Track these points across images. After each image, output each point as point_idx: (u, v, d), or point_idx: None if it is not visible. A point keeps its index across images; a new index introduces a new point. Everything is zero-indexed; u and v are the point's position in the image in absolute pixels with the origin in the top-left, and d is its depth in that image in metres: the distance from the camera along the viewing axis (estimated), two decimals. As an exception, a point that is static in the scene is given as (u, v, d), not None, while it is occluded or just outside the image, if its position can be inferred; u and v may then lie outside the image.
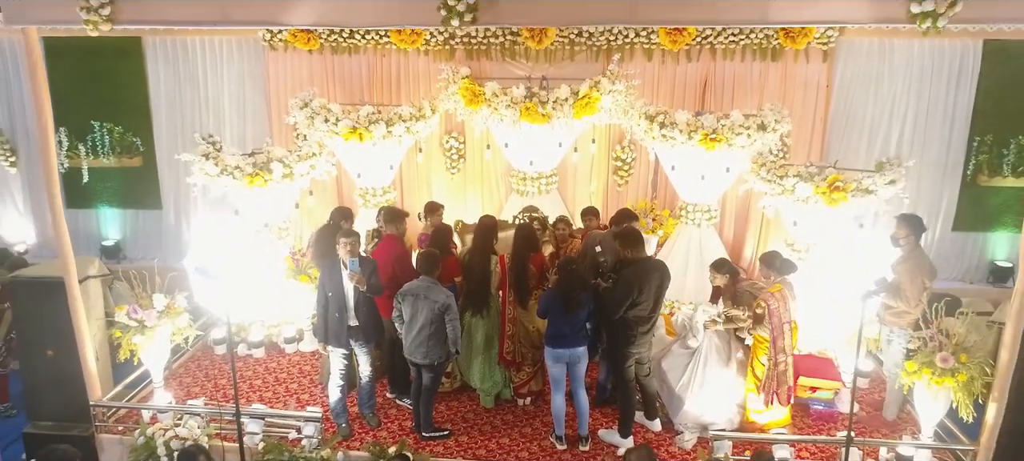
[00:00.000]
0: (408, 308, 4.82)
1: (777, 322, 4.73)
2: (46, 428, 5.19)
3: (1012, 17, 3.79)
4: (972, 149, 7.25)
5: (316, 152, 6.34)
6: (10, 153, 8.19)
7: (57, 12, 4.31)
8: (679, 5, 3.96)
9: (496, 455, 4.95)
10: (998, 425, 4.45)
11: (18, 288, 5.06)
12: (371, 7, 4.16)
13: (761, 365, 4.89)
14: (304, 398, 5.65)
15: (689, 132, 6.16)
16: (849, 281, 4.34)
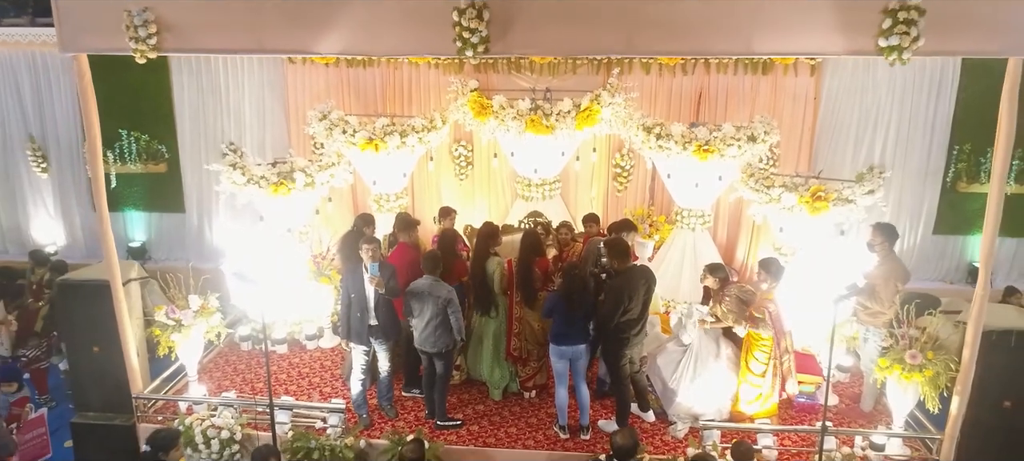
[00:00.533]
0: (416, 304, 5.28)
1: (779, 325, 5.19)
2: (92, 418, 5.66)
3: (968, 51, 4.20)
4: (952, 157, 7.69)
5: (335, 162, 6.79)
6: (42, 160, 8.64)
7: (108, 41, 4.72)
8: (671, 37, 4.39)
9: (504, 443, 5.41)
10: (961, 416, 4.89)
11: (67, 291, 5.52)
12: (393, 37, 4.60)
13: (756, 360, 5.35)
14: (326, 391, 6.11)
15: (683, 143, 6.58)
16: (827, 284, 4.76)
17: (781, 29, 4.25)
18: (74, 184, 8.75)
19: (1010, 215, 7.77)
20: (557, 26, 4.39)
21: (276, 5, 4.54)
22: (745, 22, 4.25)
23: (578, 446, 5.32)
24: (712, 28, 4.31)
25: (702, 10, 4.26)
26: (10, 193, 8.85)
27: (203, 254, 8.69)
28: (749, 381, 5.39)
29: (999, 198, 4.63)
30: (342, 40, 4.58)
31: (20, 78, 8.39)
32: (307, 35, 4.59)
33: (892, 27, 4.07)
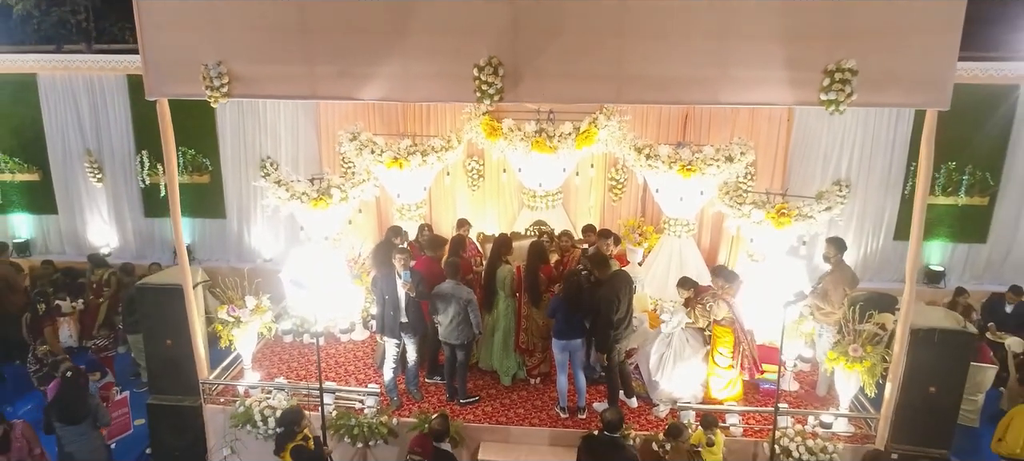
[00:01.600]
0: (442, 304, 6.28)
1: (738, 315, 6.19)
2: (166, 400, 6.68)
3: (893, 104, 5.13)
4: (909, 172, 8.64)
5: (366, 178, 7.77)
6: (98, 171, 9.63)
7: (188, 88, 5.68)
8: (652, 90, 5.35)
9: (514, 421, 6.43)
10: (894, 399, 5.89)
11: (146, 293, 6.51)
12: (423, 88, 5.56)
13: (721, 354, 6.36)
14: (360, 377, 7.12)
15: (669, 163, 7.56)
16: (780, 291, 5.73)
17: (741, 84, 5.21)
18: (126, 193, 9.74)
19: (963, 224, 8.88)
20: (559, 80, 5.36)
21: (326, 60, 5.50)
22: (712, 79, 5.22)
23: (576, 424, 6.32)
24: (685, 83, 5.27)
25: (677, 69, 5.22)
26: (69, 201, 9.85)
27: (242, 256, 9.72)
28: (717, 372, 6.41)
29: (920, 221, 5.63)
30: (381, 90, 5.55)
31: (79, 98, 9.36)
32: (352, 85, 5.56)
33: (830, 85, 5.03)
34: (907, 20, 4.91)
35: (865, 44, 4.96)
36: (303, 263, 7.11)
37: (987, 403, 7.63)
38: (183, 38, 5.54)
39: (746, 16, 5.04)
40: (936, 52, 4.99)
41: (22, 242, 9.94)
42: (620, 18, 5.13)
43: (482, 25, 5.22)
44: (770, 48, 5.06)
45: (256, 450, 6.56)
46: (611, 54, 5.22)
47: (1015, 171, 8.56)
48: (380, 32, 5.36)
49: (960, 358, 5.83)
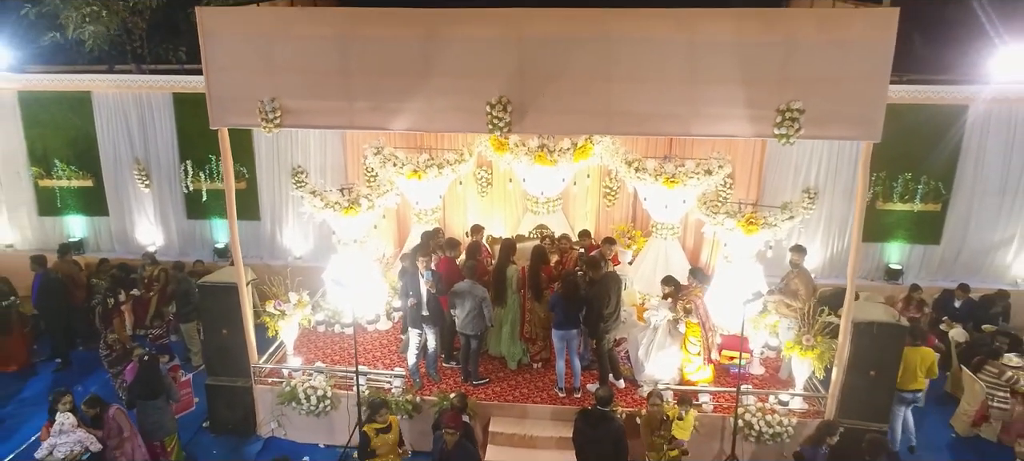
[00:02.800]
0: (459, 300, 7.39)
1: (703, 311, 7.28)
2: (221, 381, 7.80)
3: (835, 136, 6.15)
4: (872, 181, 9.68)
5: (388, 189, 8.86)
6: (145, 177, 10.70)
7: (245, 119, 6.74)
8: (635, 123, 6.40)
9: (519, 400, 7.54)
10: (839, 381, 6.98)
11: (206, 290, 7.62)
12: (444, 119, 6.62)
13: (691, 344, 7.46)
14: (387, 362, 8.24)
15: (655, 175, 8.63)
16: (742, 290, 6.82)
17: (709, 120, 6.27)
18: (171, 197, 10.82)
19: (919, 228, 9.93)
20: (558, 115, 6.42)
21: (363, 97, 6.55)
22: (684, 115, 6.27)
23: (572, 402, 7.43)
24: (662, 118, 6.33)
25: (655, 107, 6.26)
26: (119, 204, 10.93)
27: (274, 254, 10.82)
28: (689, 359, 7.52)
29: (858, 235, 6.68)
30: (408, 121, 6.62)
31: (128, 113, 10.42)
32: (385, 117, 6.62)
33: (782, 122, 6.08)
34: (843, 69, 5.94)
35: (810, 88, 6.00)
36: (342, 265, 8.22)
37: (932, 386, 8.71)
38: (243, 78, 6.60)
39: (712, 64, 6.08)
40: (868, 95, 6.02)
41: (76, 241, 11.04)
42: (608, 65, 6.18)
43: (493, 69, 6.27)
44: (732, 91, 6.11)
45: (299, 424, 7.72)
46: (601, 94, 6.27)
47: (964, 181, 9.60)
48: (408, 74, 6.41)
49: (894, 347, 6.92)
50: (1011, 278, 9.94)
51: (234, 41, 6.57)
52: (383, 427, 6.21)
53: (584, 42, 6.16)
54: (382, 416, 6.24)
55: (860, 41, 5.90)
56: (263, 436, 7.82)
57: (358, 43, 6.41)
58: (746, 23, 5.98)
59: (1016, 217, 9.69)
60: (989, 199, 9.63)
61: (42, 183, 10.87)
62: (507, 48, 6.22)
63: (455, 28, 6.26)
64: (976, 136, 9.36)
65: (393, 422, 6.36)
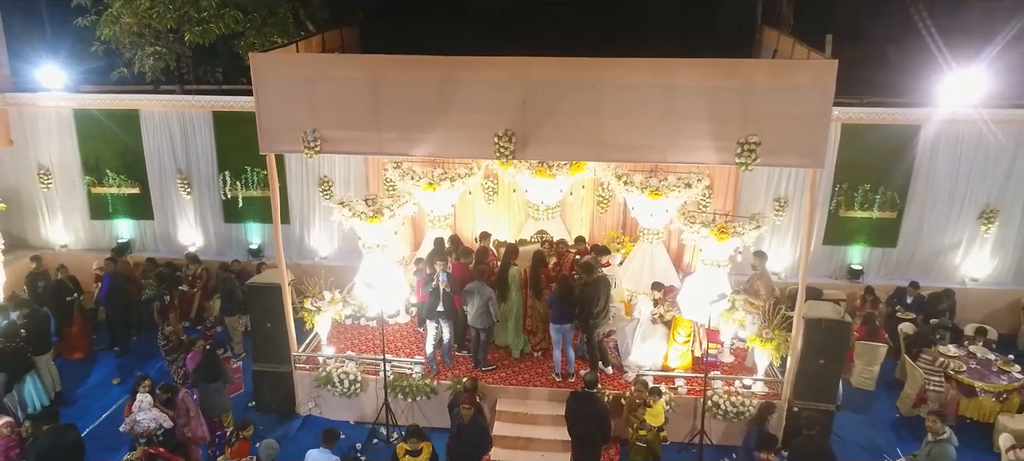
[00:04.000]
0: (469, 298, 8.63)
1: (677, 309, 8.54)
2: (265, 367, 9.06)
3: (787, 164, 7.33)
4: (835, 191, 10.88)
5: (407, 200, 10.09)
6: (187, 185, 11.94)
7: (290, 146, 7.93)
8: (621, 152, 7.62)
9: (522, 383, 8.80)
10: (793, 368, 8.22)
11: (253, 289, 8.87)
12: (459, 147, 7.86)
13: (680, 334, 8.70)
14: (407, 350, 9.49)
15: (641, 188, 9.83)
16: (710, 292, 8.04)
17: (681, 149, 7.47)
18: (210, 203, 12.06)
19: (877, 232, 11.14)
20: (554, 144, 7.62)
21: (390, 128, 7.74)
22: (661, 146, 7.48)
23: (566, 386, 8.67)
24: (642, 148, 7.54)
25: (636, 138, 7.46)
26: (163, 209, 12.18)
27: (302, 254, 12.06)
28: (675, 348, 8.77)
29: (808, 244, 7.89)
30: (428, 149, 7.85)
31: (172, 128, 11.64)
32: (409, 145, 7.84)
33: (742, 152, 7.27)
34: (792, 109, 7.12)
35: (765, 125, 7.19)
36: (372, 268, 9.47)
37: (883, 372, 9.95)
38: (288, 112, 7.80)
39: (684, 104, 7.27)
40: (813, 131, 7.20)
41: (124, 242, 12.31)
42: (598, 104, 7.37)
43: (500, 106, 7.47)
44: (700, 126, 7.30)
45: (333, 404, 8.99)
46: (591, 128, 7.48)
47: (917, 192, 10.79)
48: (428, 109, 7.61)
49: (840, 340, 8.15)
50: (959, 277, 11.17)
51: (281, 82, 7.79)
52: (413, 451, 6.88)
53: (577, 85, 7.36)
54: (413, 443, 6.85)
55: (806, 87, 7.09)
56: (302, 414, 9.10)
57: (386, 84, 7.62)
58: (712, 71, 7.18)
59: (963, 224, 10.89)
60: (939, 208, 10.83)
61: (94, 190, 12.13)
62: (512, 89, 7.43)
63: (468, 72, 7.47)
64: (927, 153, 10.54)
65: (426, 448, 6.97)
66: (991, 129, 10.23)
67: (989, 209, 10.74)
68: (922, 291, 10.71)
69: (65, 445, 6.97)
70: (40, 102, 11.63)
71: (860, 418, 9.28)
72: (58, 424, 7.19)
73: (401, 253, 10.74)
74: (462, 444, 7.14)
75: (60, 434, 7.03)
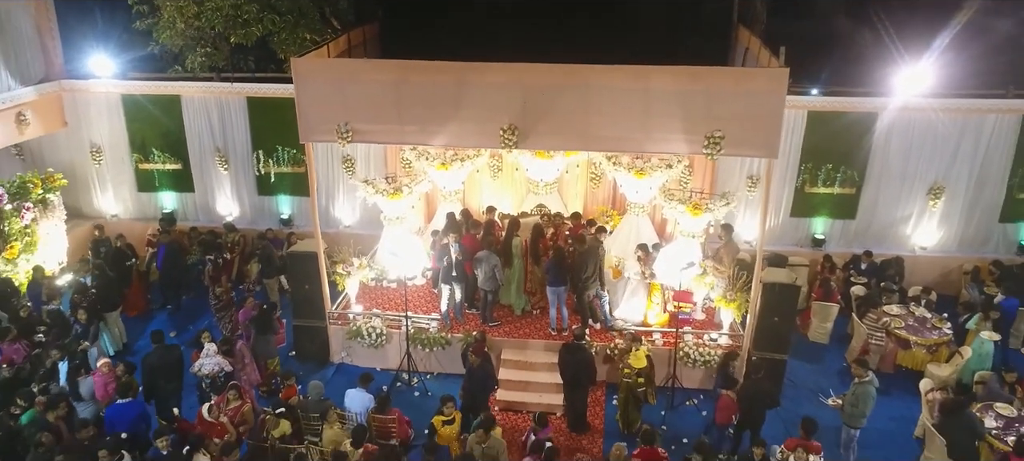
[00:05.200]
0: (478, 264, 10.13)
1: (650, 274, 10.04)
2: (304, 322, 10.62)
3: (748, 154, 8.71)
4: (801, 170, 12.25)
5: (422, 178, 11.52)
6: (224, 162, 13.34)
7: (325, 136, 9.30)
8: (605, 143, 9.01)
9: (523, 337, 10.36)
10: (753, 324, 9.74)
11: (295, 257, 10.38)
12: (469, 138, 9.25)
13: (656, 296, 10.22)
14: (425, 308, 11.03)
15: (628, 168, 11.22)
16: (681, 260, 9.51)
17: (657, 141, 8.86)
18: (244, 178, 13.46)
19: (838, 206, 12.54)
20: (550, 136, 9.01)
21: (411, 121, 9.10)
22: (639, 138, 8.86)
23: (560, 339, 10.19)
24: (623, 139, 8.93)
25: (618, 131, 8.82)
26: (203, 183, 13.60)
27: (327, 223, 13.48)
28: (652, 308, 10.30)
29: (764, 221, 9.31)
30: (443, 139, 9.25)
31: (210, 111, 12.98)
32: (427, 136, 9.24)
33: (708, 145, 8.65)
34: (751, 109, 8.45)
35: (728, 122, 8.52)
36: (394, 238, 10.97)
37: (836, 329, 11.49)
38: (324, 108, 9.17)
39: (659, 103, 8.60)
40: (767, 127, 8.55)
41: (169, 213, 13.79)
42: (586, 103, 8.71)
43: (505, 105, 8.81)
44: (673, 122, 8.66)
45: (362, 354, 10.56)
46: (581, 123, 8.85)
47: (874, 171, 12.15)
48: (444, 106, 8.96)
49: (791, 301, 9.64)
50: (910, 246, 12.61)
51: (318, 82, 9.15)
52: (448, 419, 8.11)
53: (569, 88, 8.70)
54: (449, 409, 8.08)
55: (762, 91, 8.44)
56: (335, 363, 10.70)
57: (407, 85, 8.97)
58: (682, 77, 8.51)
59: (913, 199, 12.29)
60: (893, 185, 12.21)
61: (141, 166, 13.55)
62: (514, 91, 8.77)
63: (477, 76, 8.81)
64: (883, 136, 11.86)
65: (458, 417, 8.12)
66: (939, 116, 11.56)
67: (936, 186, 12.13)
68: (875, 258, 12.18)
69: (171, 360, 8.82)
70: (92, 88, 12.97)
71: (812, 367, 10.86)
72: (164, 343, 9.05)
73: (417, 225, 12.21)
74: (473, 384, 8.74)
75: (166, 351, 8.87)
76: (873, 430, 8.90)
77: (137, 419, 8.06)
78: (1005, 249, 12.47)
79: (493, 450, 7.51)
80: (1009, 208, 12.20)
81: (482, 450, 7.46)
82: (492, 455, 7.49)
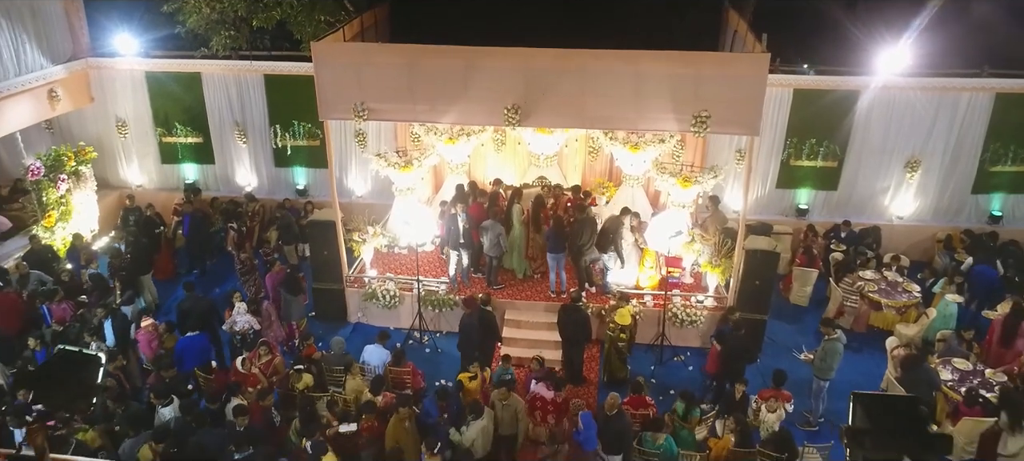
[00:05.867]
0: (484, 232, 11.00)
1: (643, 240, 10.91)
2: (323, 285, 11.52)
3: (732, 132, 9.51)
4: (787, 144, 13.01)
5: (431, 152, 12.32)
6: (243, 135, 14.12)
7: (343, 114, 10.08)
8: (600, 121, 9.79)
9: (525, 298, 11.26)
10: (735, 288, 10.63)
11: (315, 226, 11.25)
12: (475, 116, 10.04)
13: (648, 261, 11.10)
14: (434, 273, 11.93)
15: (623, 142, 12.00)
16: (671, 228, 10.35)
17: (649, 119, 9.64)
18: (262, 150, 14.26)
19: (821, 178, 13.35)
20: (550, 114, 9.79)
21: (422, 101, 9.87)
22: (632, 116, 9.64)
23: (559, 300, 11.09)
24: (618, 118, 9.72)
25: (612, 111, 9.59)
26: (222, 155, 14.40)
27: (341, 193, 14.20)
28: (645, 271, 11.19)
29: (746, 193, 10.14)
30: (452, 117, 10.05)
31: (229, 87, 13.72)
32: (436, 115, 10.03)
33: (695, 123, 9.43)
34: (734, 92, 9.20)
35: (713, 103, 9.30)
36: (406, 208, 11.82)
37: (815, 292, 12.38)
38: (341, 88, 9.94)
39: (649, 85, 9.37)
40: (750, 108, 9.31)
41: (191, 183, 14.62)
42: (583, 85, 9.48)
43: (508, 86, 9.58)
44: (663, 103, 9.43)
45: (376, 314, 11.49)
46: (577, 102, 9.62)
47: (855, 145, 12.91)
48: (452, 87, 9.73)
49: (771, 266, 10.51)
50: (888, 216, 13.44)
51: (336, 65, 9.90)
52: (473, 376, 8.73)
53: (568, 71, 9.45)
54: (474, 368, 8.84)
55: (745, 75, 9.19)
56: (352, 322, 11.64)
57: (418, 67, 9.72)
58: (671, 61, 9.26)
59: (891, 172, 13.07)
60: (873, 158, 12.98)
61: (164, 139, 14.35)
62: (517, 73, 9.53)
63: (483, 60, 9.55)
64: (864, 113, 12.59)
65: (477, 373, 8.78)
66: (916, 94, 12.29)
67: (913, 160, 12.90)
68: (854, 227, 13.02)
69: (203, 305, 9.96)
70: (117, 65, 13.69)
71: (792, 327, 11.78)
72: (195, 293, 10.14)
73: (426, 195, 13.04)
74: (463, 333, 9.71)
75: (197, 300, 9.99)
76: (843, 382, 9.80)
77: (202, 350, 9.42)
78: (977, 218, 13.29)
79: (511, 408, 8.26)
80: (981, 180, 12.99)
81: (503, 406, 8.22)
82: (512, 412, 8.27)
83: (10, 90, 11.92)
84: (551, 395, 8.65)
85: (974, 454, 8.94)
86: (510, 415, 8.27)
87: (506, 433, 8.32)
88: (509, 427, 8.32)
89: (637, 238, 11.18)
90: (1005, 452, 8.74)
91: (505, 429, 8.30)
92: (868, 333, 11.49)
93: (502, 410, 8.24)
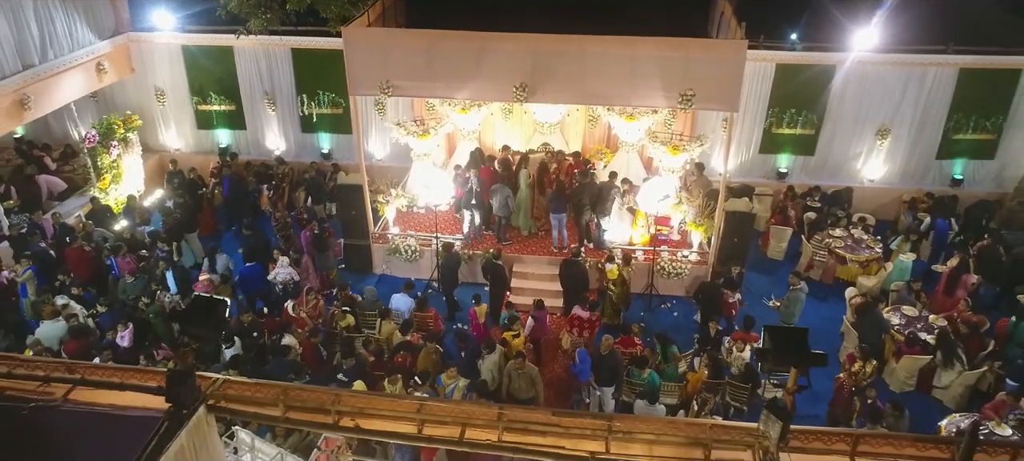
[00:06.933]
0: (494, 194, 12.42)
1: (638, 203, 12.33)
2: (352, 241, 13.01)
3: (716, 108, 10.81)
4: (769, 114, 14.27)
5: (445, 121, 13.63)
6: (272, 103, 15.39)
7: (370, 91, 11.37)
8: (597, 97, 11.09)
9: (531, 253, 12.75)
10: (716, 245, 12.08)
11: (343, 189, 12.66)
12: (487, 93, 11.31)
13: (640, 221, 12.54)
14: (450, 230, 13.39)
15: (619, 113, 13.29)
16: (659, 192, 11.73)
17: (641, 96, 10.93)
18: (290, 117, 15.55)
19: (800, 145, 14.66)
20: (554, 92, 11.08)
21: (440, 79, 11.15)
22: (626, 93, 10.94)
23: (561, 255, 12.57)
24: (613, 95, 11.03)
25: (608, 88, 10.88)
26: (253, 121, 15.70)
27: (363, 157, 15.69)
28: (638, 230, 12.64)
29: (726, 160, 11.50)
30: (467, 94, 11.35)
31: (259, 60, 14.94)
32: (452, 91, 11.33)
33: (682, 100, 10.72)
34: (717, 72, 10.45)
35: (698, 82, 10.55)
36: (424, 172, 13.21)
37: (790, 248, 13.84)
38: (369, 68, 11.20)
39: (642, 66, 10.63)
40: (730, 87, 10.58)
41: (225, 147, 15.98)
42: (583, 65, 10.74)
43: (517, 67, 10.83)
44: (654, 82, 10.70)
45: (399, 267, 13.00)
46: (577, 81, 10.89)
47: (831, 114, 14.15)
48: (467, 67, 10.98)
49: (748, 225, 11.95)
50: (860, 179, 14.78)
51: (364, 47, 11.15)
52: (515, 333, 9.83)
53: (570, 53, 10.70)
54: (516, 327, 9.88)
55: (726, 58, 10.43)
56: (377, 274, 13.17)
57: (437, 50, 10.97)
58: (661, 45, 10.50)
59: (863, 139, 14.36)
60: (847, 127, 14.25)
61: (200, 107, 15.64)
62: (525, 56, 10.78)
63: (495, 43, 10.79)
64: (840, 85, 13.81)
65: (519, 330, 9.83)
66: (887, 69, 13.48)
67: (883, 128, 14.18)
68: (826, 190, 14.40)
69: (263, 241, 11.95)
70: (155, 39, 14.89)
71: (767, 278, 13.26)
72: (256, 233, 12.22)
73: (441, 160, 14.41)
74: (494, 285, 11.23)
75: (259, 237, 11.98)
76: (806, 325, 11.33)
77: (259, 278, 11.41)
78: (940, 182, 14.62)
79: (527, 375, 9.02)
80: (945, 147, 14.29)
81: (518, 373, 8.97)
82: (528, 378, 9.03)
83: (66, 65, 13.20)
84: (587, 314, 10.35)
85: (914, 387, 10.57)
86: (526, 381, 8.96)
87: (523, 398, 8.88)
88: (526, 392, 8.94)
89: (627, 200, 12.58)
90: (939, 384, 10.39)
91: (522, 394, 8.91)
92: (834, 284, 12.97)
93: (518, 377, 8.95)
